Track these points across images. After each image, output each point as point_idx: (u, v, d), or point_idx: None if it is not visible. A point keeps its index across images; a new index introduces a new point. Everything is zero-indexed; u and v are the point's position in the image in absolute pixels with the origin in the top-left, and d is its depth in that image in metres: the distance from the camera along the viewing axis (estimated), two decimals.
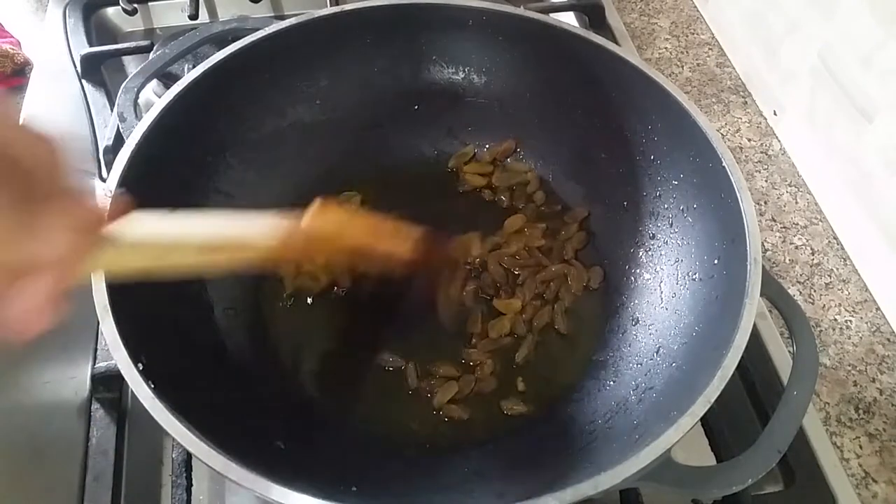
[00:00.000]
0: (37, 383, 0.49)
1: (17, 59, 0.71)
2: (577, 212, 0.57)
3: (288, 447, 0.43)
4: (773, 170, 0.68)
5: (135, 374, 0.35)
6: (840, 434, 0.51)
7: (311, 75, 0.56)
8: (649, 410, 0.43)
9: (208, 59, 0.49)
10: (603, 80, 0.53)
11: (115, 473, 0.45)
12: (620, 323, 0.51)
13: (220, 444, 0.33)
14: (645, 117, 0.51)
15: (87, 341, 0.51)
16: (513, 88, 0.58)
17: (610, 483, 0.33)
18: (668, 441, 0.34)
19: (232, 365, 0.48)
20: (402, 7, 0.54)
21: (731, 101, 0.74)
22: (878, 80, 0.56)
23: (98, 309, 0.37)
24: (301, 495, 0.32)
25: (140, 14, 0.76)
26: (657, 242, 0.52)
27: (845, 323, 0.57)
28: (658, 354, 0.47)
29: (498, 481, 0.43)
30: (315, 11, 0.52)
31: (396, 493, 0.42)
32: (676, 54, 0.78)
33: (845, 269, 0.60)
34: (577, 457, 0.43)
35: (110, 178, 0.42)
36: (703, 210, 0.48)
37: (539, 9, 0.70)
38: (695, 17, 0.83)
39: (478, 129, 0.60)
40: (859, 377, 0.54)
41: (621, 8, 0.83)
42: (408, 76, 0.58)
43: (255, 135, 0.54)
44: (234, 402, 0.46)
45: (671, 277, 0.50)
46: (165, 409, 0.34)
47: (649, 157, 0.52)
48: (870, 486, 0.49)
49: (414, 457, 0.46)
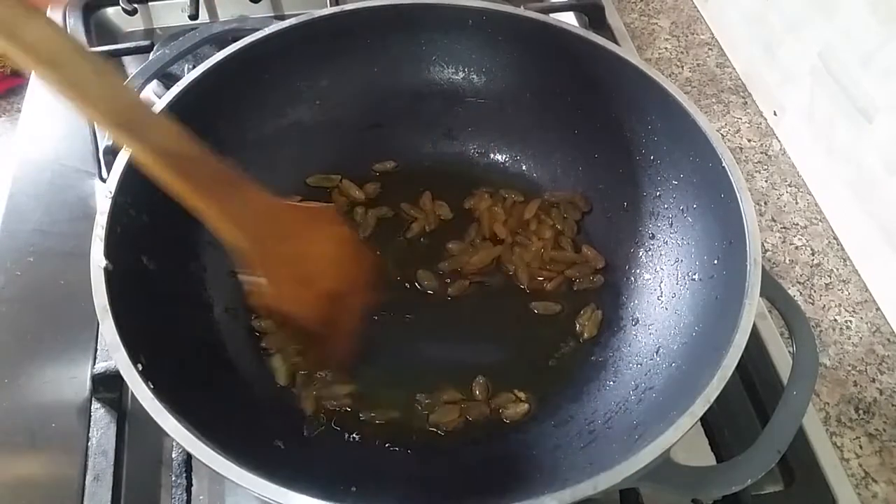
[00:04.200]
0: (37, 383, 0.49)
1: None
2: (593, 257, 0.55)
3: (288, 447, 0.43)
4: (773, 170, 0.68)
5: (134, 375, 0.35)
6: (840, 434, 0.51)
7: (311, 75, 0.56)
8: (649, 410, 0.43)
9: (208, 59, 0.49)
10: (603, 80, 0.53)
11: (115, 473, 0.45)
12: (620, 323, 0.51)
13: (220, 445, 0.33)
14: (645, 117, 0.51)
15: (87, 341, 0.51)
16: (513, 88, 0.58)
17: (609, 483, 0.33)
18: (668, 441, 0.34)
19: (232, 365, 0.48)
20: (402, 7, 0.54)
21: (731, 101, 0.74)
22: (878, 80, 0.56)
23: (98, 309, 0.37)
24: (301, 495, 0.32)
25: (140, 14, 0.76)
26: (657, 242, 0.52)
27: (845, 323, 0.57)
28: (658, 354, 0.47)
29: (497, 481, 0.43)
30: (315, 11, 0.52)
31: (396, 493, 0.42)
32: (676, 54, 0.78)
33: (845, 270, 0.60)
34: (577, 457, 0.43)
35: (110, 178, 0.42)
36: (703, 210, 0.48)
37: (539, 9, 0.70)
38: (695, 17, 0.83)
39: (478, 130, 0.60)
40: (859, 377, 0.54)
41: (621, 8, 0.83)
42: (408, 76, 0.58)
43: (255, 135, 0.54)
44: (234, 403, 0.46)
45: (671, 277, 0.50)
46: (165, 410, 0.34)
47: (649, 157, 0.52)
48: (870, 486, 0.49)
49: (414, 457, 0.46)
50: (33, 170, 0.61)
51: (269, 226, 0.41)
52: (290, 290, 0.43)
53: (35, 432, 0.47)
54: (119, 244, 0.40)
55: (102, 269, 0.38)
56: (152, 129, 0.36)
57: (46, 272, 0.54)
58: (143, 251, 0.44)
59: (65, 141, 0.64)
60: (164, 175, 0.36)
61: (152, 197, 0.45)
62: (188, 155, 0.37)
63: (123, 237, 0.41)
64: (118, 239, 0.40)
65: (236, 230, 0.40)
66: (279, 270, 0.42)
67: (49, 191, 0.60)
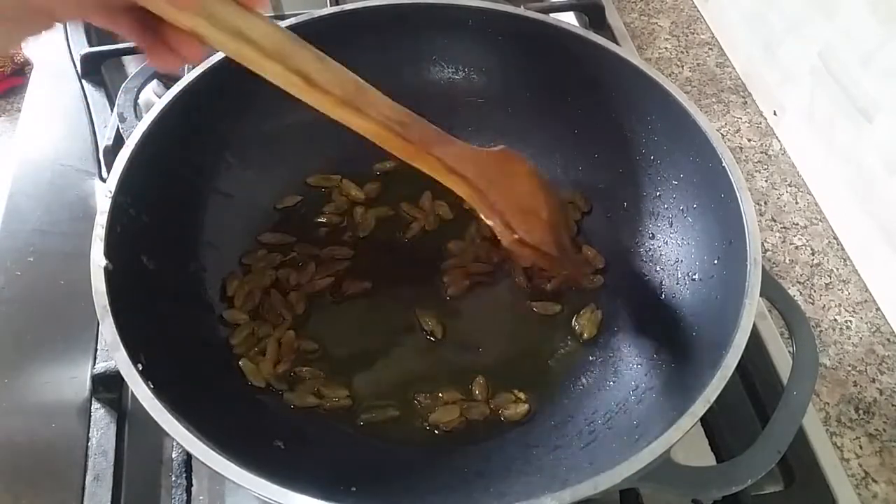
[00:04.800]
0: (37, 383, 0.49)
1: (16, 58, 0.71)
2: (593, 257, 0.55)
3: (288, 447, 0.43)
4: (773, 170, 0.68)
5: (134, 375, 0.35)
6: (840, 434, 0.51)
7: None
8: (649, 410, 0.43)
9: (208, 58, 0.49)
10: (603, 80, 0.53)
11: (115, 473, 0.45)
12: (620, 323, 0.51)
13: (219, 444, 0.33)
14: (645, 117, 0.51)
15: (87, 341, 0.51)
16: (513, 88, 0.58)
17: (609, 483, 0.33)
18: (668, 441, 0.34)
19: (231, 365, 0.48)
20: (402, 7, 0.54)
21: (731, 101, 0.74)
22: (878, 80, 0.56)
23: (98, 309, 0.37)
24: (301, 495, 0.32)
25: None
26: (657, 242, 0.52)
27: (845, 323, 0.57)
28: (658, 354, 0.47)
29: (497, 481, 0.43)
30: (315, 11, 0.52)
31: (396, 493, 0.42)
32: (676, 54, 0.78)
33: (845, 270, 0.60)
34: (577, 457, 0.43)
35: (110, 178, 0.42)
36: (702, 210, 0.48)
37: (539, 9, 0.70)
38: (695, 17, 0.83)
39: (478, 130, 0.60)
40: (859, 377, 0.54)
41: (621, 8, 0.83)
42: (408, 76, 0.58)
43: (256, 134, 0.54)
44: (234, 403, 0.46)
45: (671, 277, 0.50)
46: (165, 410, 0.34)
47: (649, 157, 0.52)
48: (870, 486, 0.49)
49: (413, 457, 0.46)
50: (33, 170, 0.61)
51: (486, 169, 0.44)
52: (525, 221, 0.45)
53: (35, 432, 0.47)
54: (119, 244, 0.40)
55: (102, 268, 0.38)
56: (372, 103, 0.38)
57: (46, 272, 0.54)
58: (143, 251, 0.44)
59: (65, 141, 0.64)
60: (392, 142, 0.39)
61: (152, 197, 0.45)
62: (405, 121, 0.39)
63: (123, 237, 0.41)
64: (118, 239, 0.40)
65: (462, 180, 0.42)
66: (511, 205, 0.44)
67: (49, 191, 0.60)
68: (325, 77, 0.37)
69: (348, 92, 0.37)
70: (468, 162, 0.43)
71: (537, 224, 0.46)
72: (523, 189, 0.46)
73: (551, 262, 0.47)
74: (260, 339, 0.49)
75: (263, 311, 0.51)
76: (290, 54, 0.35)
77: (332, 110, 0.37)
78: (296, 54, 0.35)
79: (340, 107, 0.37)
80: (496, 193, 0.44)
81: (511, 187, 0.45)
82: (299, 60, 0.36)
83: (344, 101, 0.37)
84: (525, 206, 0.45)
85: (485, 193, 0.43)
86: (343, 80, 0.37)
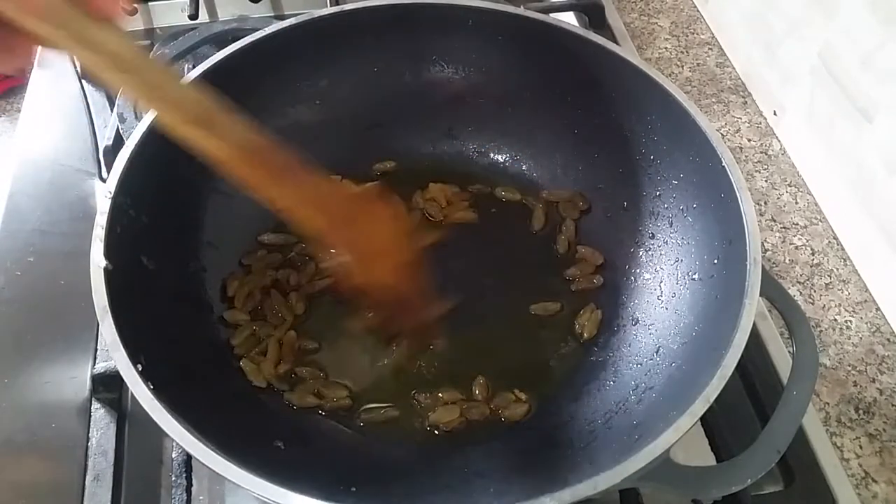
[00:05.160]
0: (37, 383, 0.49)
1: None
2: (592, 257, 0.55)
3: (288, 447, 0.43)
4: (773, 170, 0.68)
5: (134, 375, 0.35)
6: (840, 434, 0.51)
7: (311, 75, 0.56)
8: (649, 410, 0.43)
9: (208, 59, 0.49)
10: (603, 80, 0.53)
11: (115, 473, 0.45)
12: (620, 323, 0.51)
13: (219, 445, 0.33)
14: (645, 117, 0.51)
15: (87, 341, 0.51)
16: (513, 88, 0.58)
17: (609, 483, 0.33)
18: (668, 441, 0.34)
19: (231, 365, 0.48)
20: (402, 7, 0.54)
21: (731, 101, 0.74)
22: (878, 80, 0.56)
23: (98, 309, 0.37)
24: (301, 495, 0.32)
25: (140, 14, 0.76)
26: (657, 242, 0.52)
27: (845, 323, 0.57)
28: (658, 354, 0.47)
29: (497, 481, 0.43)
30: (315, 11, 0.52)
31: (396, 493, 0.42)
32: (676, 54, 0.78)
33: (845, 270, 0.60)
34: (577, 457, 0.43)
35: (110, 178, 0.42)
36: (702, 210, 0.48)
37: (539, 9, 0.70)
38: (695, 17, 0.83)
39: (478, 129, 0.60)
40: (859, 377, 0.54)
41: (621, 8, 0.83)
42: (408, 76, 0.58)
43: None
44: (234, 403, 0.46)
45: (671, 277, 0.50)
46: (165, 410, 0.34)
47: (649, 157, 0.52)
48: (870, 486, 0.49)
49: (413, 457, 0.46)
50: (33, 170, 0.61)
51: (342, 206, 0.43)
52: (372, 262, 0.45)
53: (35, 432, 0.47)
54: (119, 244, 0.40)
55: (102, 269, 0.38)
56: (224, 124, 0.37)
57: (46, 272, 0.54)
58: (143, 251, 0.44)
59: (65, 141, 0.64)
60: (242, 168, 0.38)
61: (152, 197, 0.45)
62: (259, 146, 0.38)
63: (123, 237, 0.41)
64: (118, 239, 0.40)
65: (315, 213, 0.41)
66: (360, 245, 0.44)
67: (49, 191, 0.60)
68: (179, 94, 0.36)
69: (202, 111, 0.36)
70: (325, 197, 0.42)
71: (386, 271, 0.45)
72: (381, 233, 0.45)
73: (392, 310, 0.47)
74: (261, 340, 0.49)
75: (264, 311, 0.51)
76: (143, 69, 0.34)
77: (182, 128, 0.36)
78: (148, 70, 0.34)
79: (191, 125, 0.36)
80: (350, 232, 0.43)
81: (368, 229, 0.44)
82: (153, 76, 0.35)
83: (196, 119, 0.36)
84: (378, 249, 0.45)
85: (339, 231, 0.43)
86: (198, 99, 0.36)
